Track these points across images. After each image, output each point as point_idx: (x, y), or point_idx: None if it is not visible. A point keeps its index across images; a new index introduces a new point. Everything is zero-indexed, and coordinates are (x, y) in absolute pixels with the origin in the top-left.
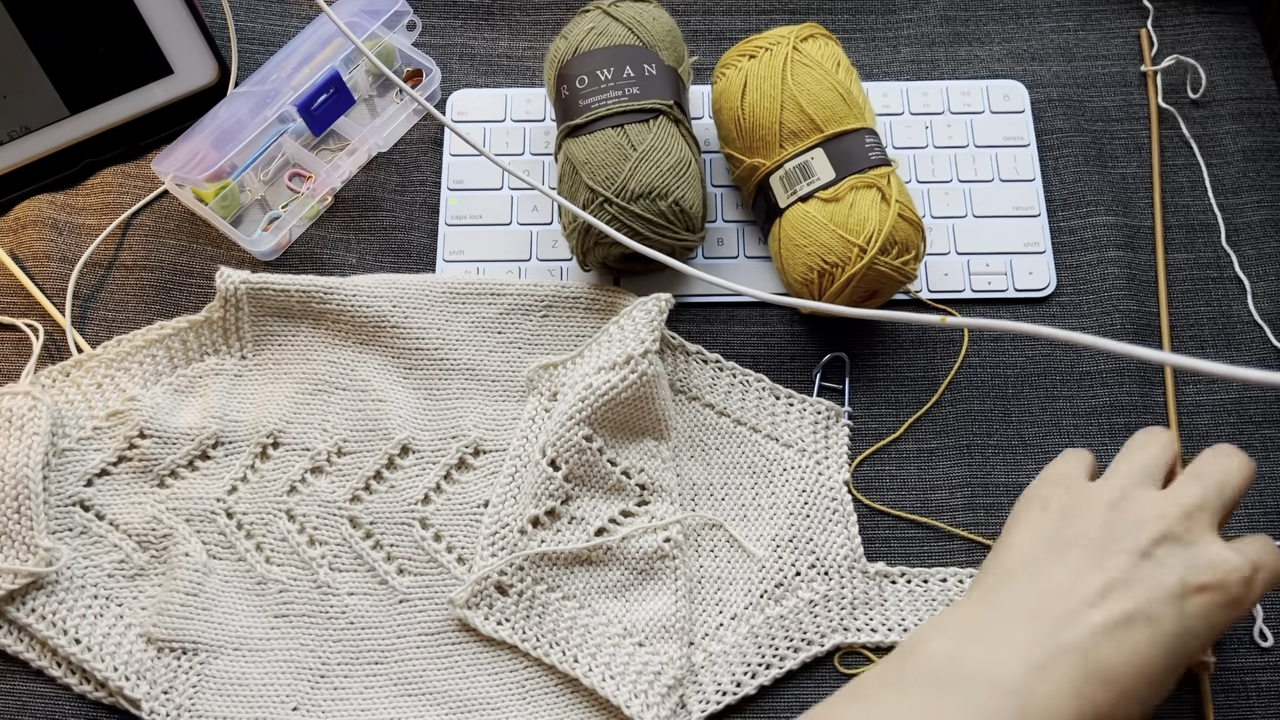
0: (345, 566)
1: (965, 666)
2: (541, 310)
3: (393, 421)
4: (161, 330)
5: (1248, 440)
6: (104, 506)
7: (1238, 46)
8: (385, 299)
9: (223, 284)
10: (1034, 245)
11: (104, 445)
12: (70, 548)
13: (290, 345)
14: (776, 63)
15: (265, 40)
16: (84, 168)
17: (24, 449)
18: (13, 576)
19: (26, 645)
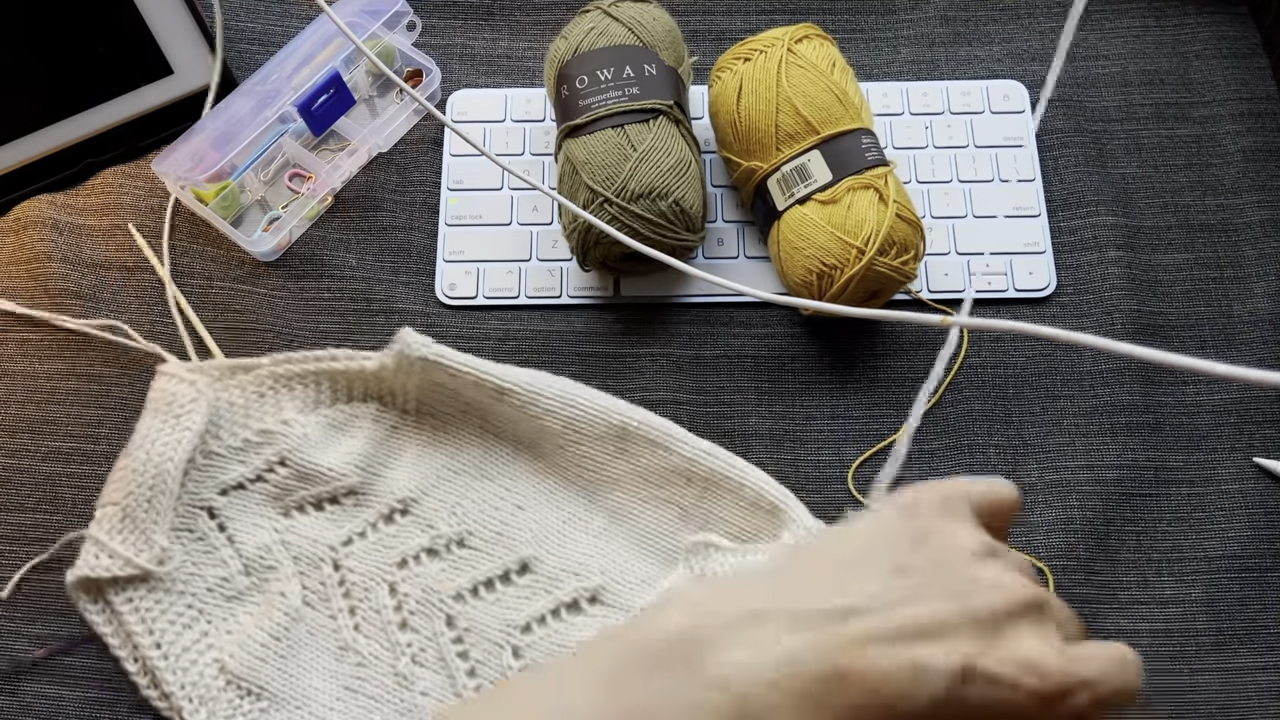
0: (427, 662)
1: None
2: (702, 484)
3: (523, 533)
4: (333, 362)
5: (1249, 440)
6: (228, 520)
7: (1237, 46)
8: (557, 418)
9: (402, 349)
10: (1034, 245)
11: (249, 460)
12: (184, 551)
13: (451, 419)
14: (771, 65)
15: (265, 40)
16: (84, 168)
17: (173, 441)
18: (123, 563)
19: (114, 630)
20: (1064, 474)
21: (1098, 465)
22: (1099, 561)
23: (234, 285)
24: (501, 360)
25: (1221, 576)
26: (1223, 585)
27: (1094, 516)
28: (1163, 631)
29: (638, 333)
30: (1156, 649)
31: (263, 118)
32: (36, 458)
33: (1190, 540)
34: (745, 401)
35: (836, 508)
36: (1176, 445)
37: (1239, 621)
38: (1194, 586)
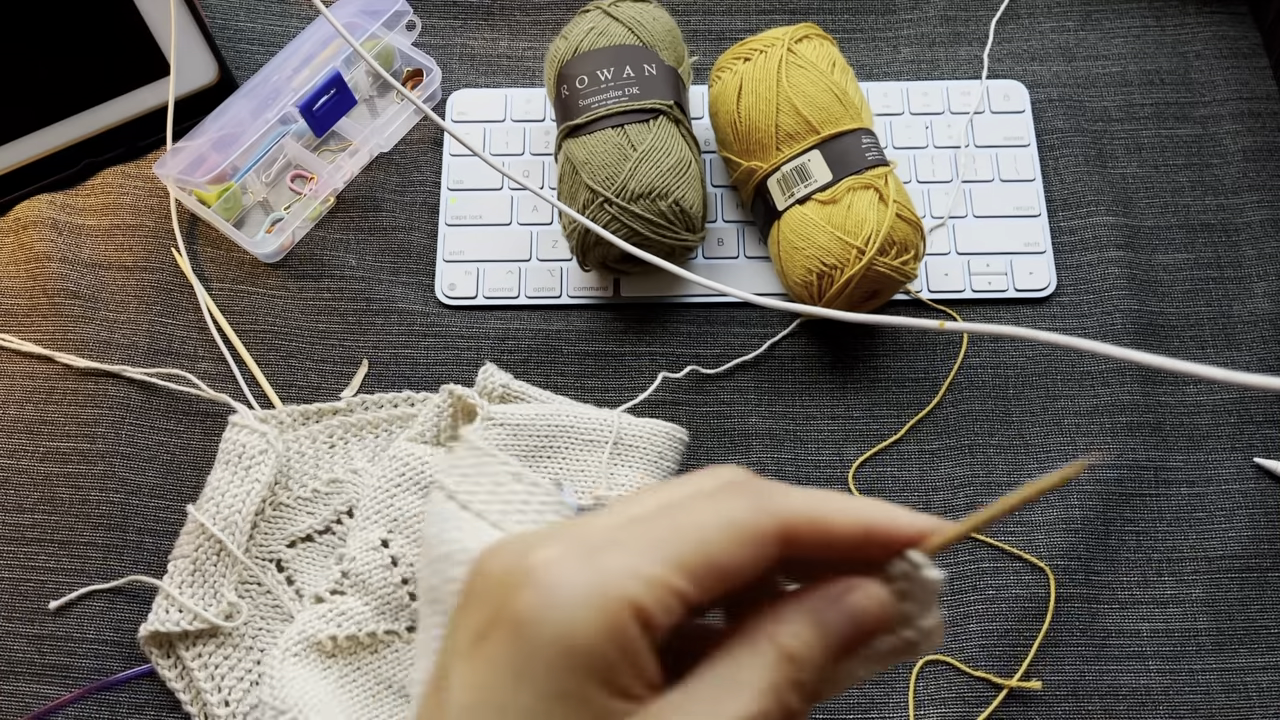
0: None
1: None
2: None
3: None
4: (409, 408)
5: (1249, 440)
6: (296, 573)
7: (1238, 47)
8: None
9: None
10: (1034, 245)
11: (317, 511)
12: (252, 605)
13: (523, 459)
14: (771, 65)
15: (265, 41)
16: (84, 168)
17: (243, 493)
18: (192, 617)
19: (185, 685)
20: None
21: (1098, 465)
22: (1099, 562)
23: (234, 286)
24: (501, 359)
25: (1222, 576)
26: (1223, 585)
27: (1094, 516)
28: (1163, 632)
29: (637, 333)
30: (1157, 649)
31: (264, 119)
32: (34, 458)
33: (1190, 540)
34: (745, 401)
35: None
36: (1177, 445)
37: (1239, 621)
38: (1194, 586)
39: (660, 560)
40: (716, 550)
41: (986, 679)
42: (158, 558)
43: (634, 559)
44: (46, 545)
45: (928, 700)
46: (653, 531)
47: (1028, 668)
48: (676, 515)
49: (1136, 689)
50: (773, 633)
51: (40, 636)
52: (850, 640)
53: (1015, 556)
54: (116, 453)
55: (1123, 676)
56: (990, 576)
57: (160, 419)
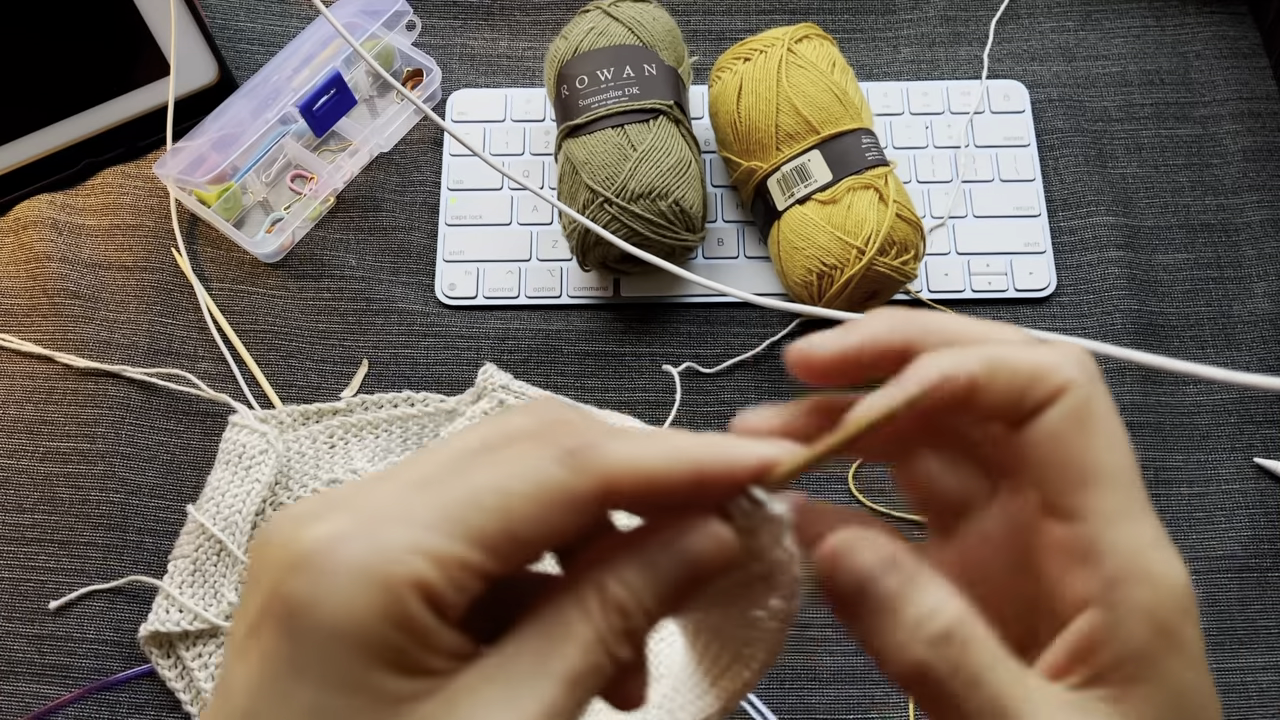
0: None
1: None
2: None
3: None
4: (409, 408)
5: (1249, 440)
6: None
7: (1238, 46)
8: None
9: (485, 382)
10: (1034, 245)
11: None
12: None
13: None
14: (771, 65)
15: (265, 40)
16: (84, 168)
17: (243, 493)
18: (192, 617)
19: (185, 685)
20: None
21: None
22: None
23: (234, 286)
24: (501, 360)
25: (1222, 576)
26: (1223, 585)
27: None
28: None
29: (637, 333)
30: None
31: (264, 119)
32: (34, 458)
33: (1190, 540)
34: (745, 401)
35: None
36: (1177, 445)
37: (1239, 622)
38: (1194, 587)
39: (451, 533)
40: (520, 518)
41: None
42: (158, 558)
43: (419, 533)
44: (46, 545)
45: None
46: (444, 498)
47: None
48: (473, 476)
49: None
50: (601, 582)
51: (40, 636)
52: (687, 586)
53: None
54: (116, 453)
55: None
56: None
57: (160, 419)
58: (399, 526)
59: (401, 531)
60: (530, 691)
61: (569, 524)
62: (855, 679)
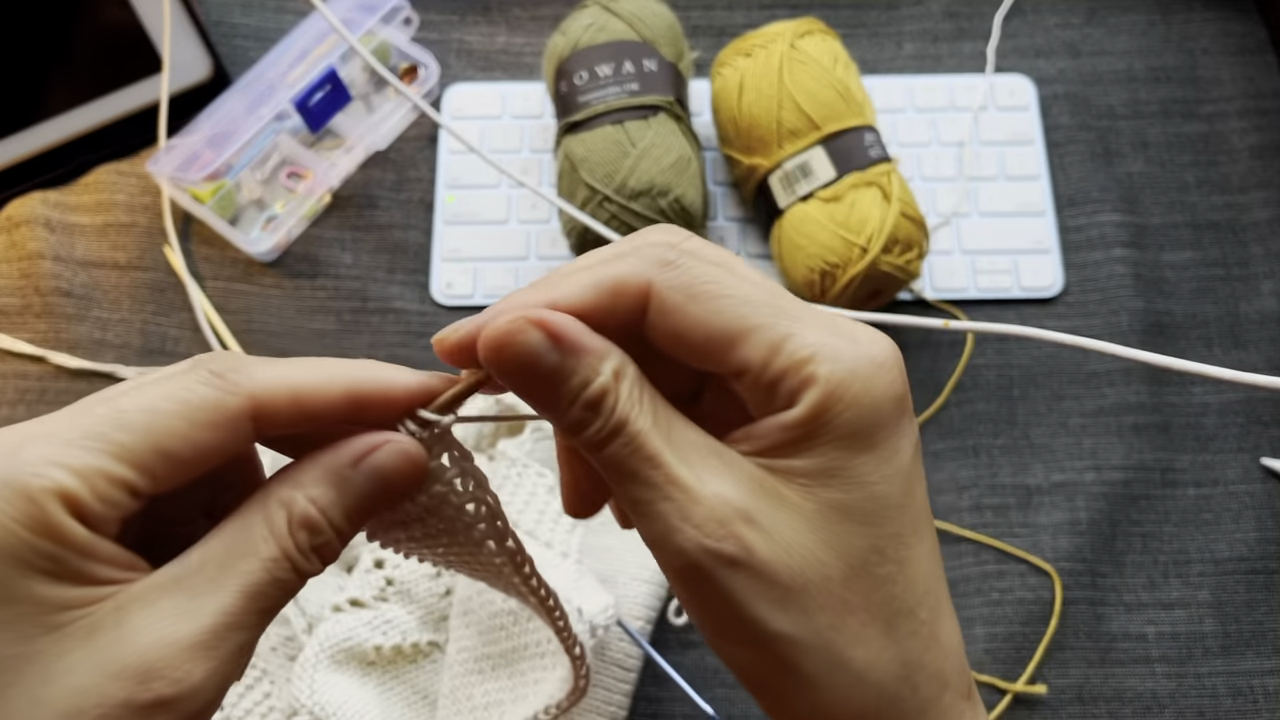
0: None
1: None
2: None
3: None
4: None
5: (1256, 441)
6: None
7: (1245, 43)
8: None
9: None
10: (1040, 244)
11: None
12: None
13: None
14: (773, 61)
15: (259, 36)
16: (77, 165)
17: None
18: None
19: None
20: (1070, 475)
21: (1104, 466)
22: (1105, 564)
23: (229, 285)
24: None
25: (1229, 579)
26: (1230, 588)
27: (1100, 518)
28: (1169, 635)
29: None
30: (1163, 652)
31: (258, 115)
32: None
33: (1197, 542)
34: None
35: None
36: (1184, 446)
37: (1246, 624)
38: (1201, 589)
39: (92, 449)
40: (165, 433)
41: (991, 683)
42: None
43: (59, 449)
44: None
45: None
46: (87, 419)
47: (1033, 672)
48: (120, 400)
49: (1143, 693)
50: (288, 498)
51: None
52: (377, 501)
53: (1020, 559)
54: None
55: (1129, 680)
56: (995, 579)
57: None
58: (39, 445)
59: (41, 449)
60: (209, 601)
61: (219, 442)
62: None
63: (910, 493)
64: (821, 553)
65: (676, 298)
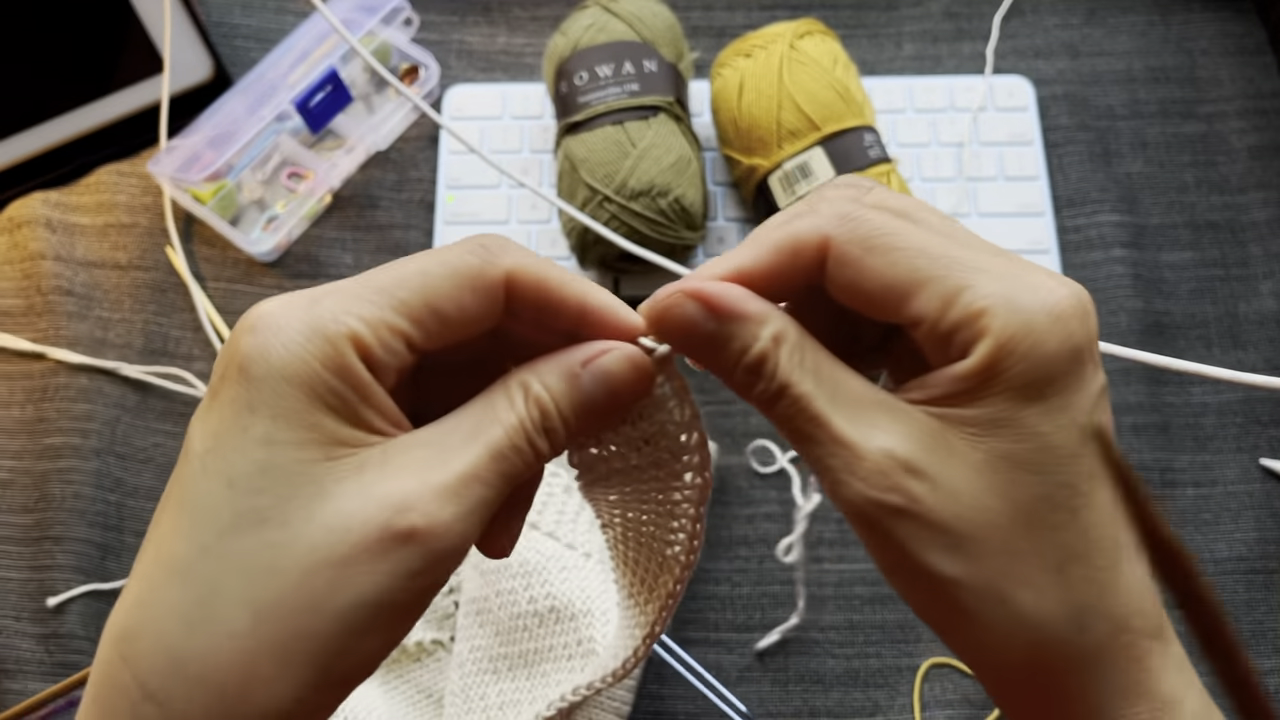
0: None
1: None
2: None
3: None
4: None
5: (1255, 441)
6: None
7: (1244, 43)
8: None
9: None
10: (1039, 244)
11: None
12: None
13: None
14: (773, 62)
15: (260, 37)
16: (78, 166)
17: None
18: None
19: None
20: None
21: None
22: None
23: (229, 285)
24: None
25: (1228, 578)
26: (1229, 587)
27: None
28: None
29: None
30: None
31: (259, 116)
32: (30, 456)
33: (1196, 542)
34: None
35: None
36: (1183, 446)
37: (1246, 624)
38: None
39: (378, 303)
40: (437, 293)
41: None
42: None
43: (351, 302)
44: (42, 542)
45: (934, 702)
46: (375, 279)
47: None
48: (403, 265)
49: None
50: (524, 380)
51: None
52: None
53: None
54: (111, 452)
55: None
56: None
57: (155, 420)
58: (336, 297)
59: (338, 300)
60: (459, 456)
61: (478, 305)
62: (860, 682)
63: (1085, 442)
64: (989, 500)
65: (853, 251)
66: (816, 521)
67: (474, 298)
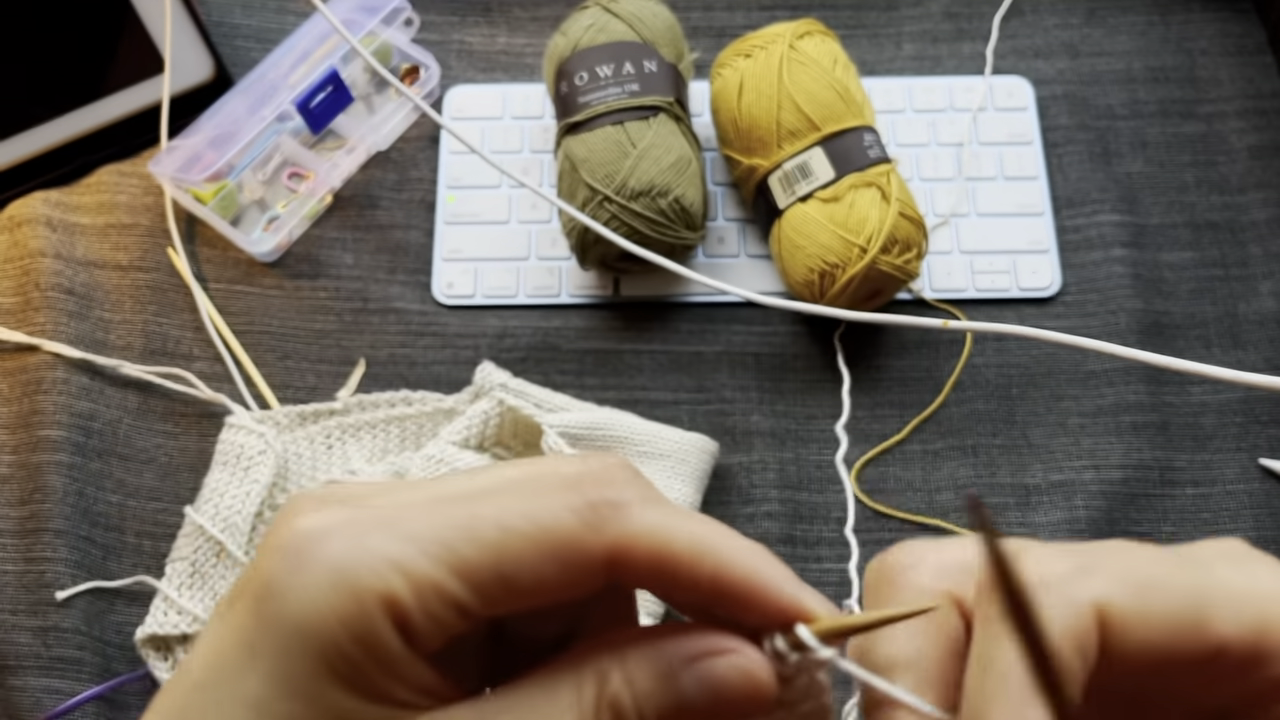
0: None
1: None
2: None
3: None
4: (406, 407)
5: (1254, 441)
6: None
7: (1243, 43)
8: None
9: (480, 384)
10: (1038, 244)
11: None
12: None
13: (530, 454)
14: (773, 62)
15: (261, 37)
16: (79, 165)
17: (241, 494)
18: (191, 619)
19: None
20: (1068, 474)
21: (1103, 465)
22: None
23: (230, 285)
24: (500, 360)
25: None
26: None
27: (1099, 517)
28: None
29: (637, 331)
30: None
31: (260, 116)
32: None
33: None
34: (747, 400)
35: (840, 508)
36: (1182, 446)
37: None
38: None
39: (436, 556)
40: (512, 559)
41: None
42: (156, 560)
43: (405, 547)
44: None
45: None
46: (443, 518)
47: None
48: (482, 505)
49: None
50: (605, 671)
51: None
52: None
53: None
54: (113, 452)
55: None
56: None
57: (157, 420)
58: (387, 536)
59: (387, 541)
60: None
61: (567, 581)
62: None
63: None
64: None
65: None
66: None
67: (558, 571)
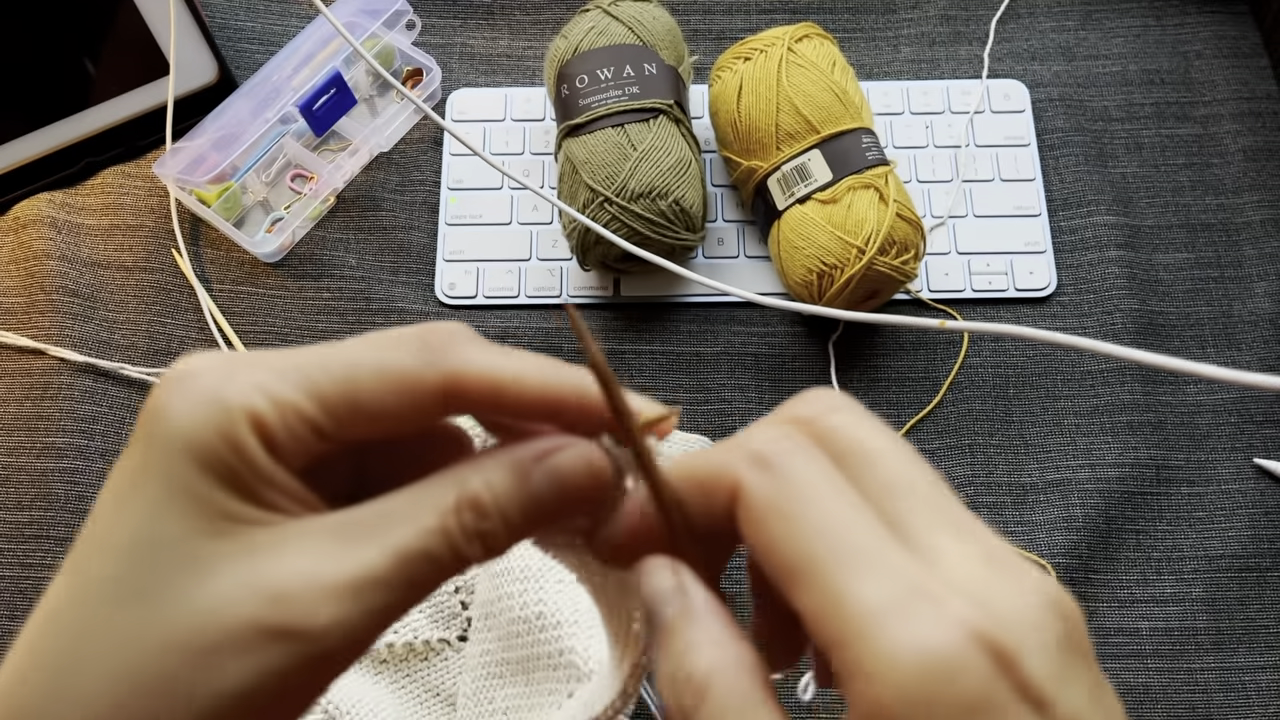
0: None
1: None
2: None
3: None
4: None
5: (1248, 440)
6: None
7: (1238, 46)
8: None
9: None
10: (1034, 245)
11: None
12: None
13: None
14: (771, 65)
15: (265, 40)
16: (84, 167)
17: None
18: None
19: None
20: (1064, 473)
21: (1098, 464)
22: (1099, 560)
23: (234, 287)
24: None
25: (1221, 576)
26: (1222, 585)
27: (1095, 516)
28: (1162, 631)
29: (638, 331)
30: (1156, 648)
31: (264, 118)
32: (30, 454)
33: (1190, 540)
34: (746, 400)
35: None
36: (1177, 445)
37: (1238, 621)
38: (1194, 586)
39: (294, 382)
40: (359, 389)
41: None
42: None
43: (266, 375)
44: (44, 542)
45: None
46: (301, 356)
47: None
48: (335, 348)
49: (1135, 687)
50: (463, 476)
51: None
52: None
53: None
54: (116, 454)
55: (1122, 675)
56: None
57: None
58: (251, 369)
59: (251, 372)
60: (358, 553)
61: (409, 407)
62: None
63: None
64: None
65: (757, 507)
66: None
67: (399, 400)
